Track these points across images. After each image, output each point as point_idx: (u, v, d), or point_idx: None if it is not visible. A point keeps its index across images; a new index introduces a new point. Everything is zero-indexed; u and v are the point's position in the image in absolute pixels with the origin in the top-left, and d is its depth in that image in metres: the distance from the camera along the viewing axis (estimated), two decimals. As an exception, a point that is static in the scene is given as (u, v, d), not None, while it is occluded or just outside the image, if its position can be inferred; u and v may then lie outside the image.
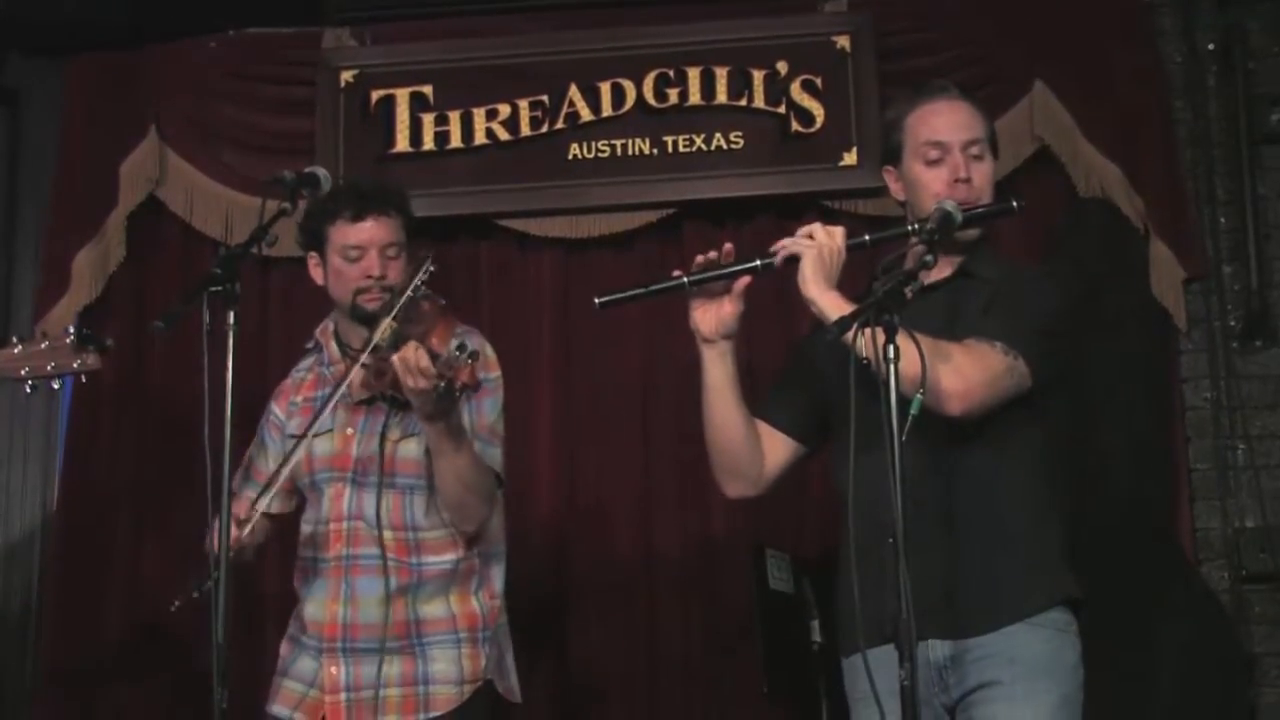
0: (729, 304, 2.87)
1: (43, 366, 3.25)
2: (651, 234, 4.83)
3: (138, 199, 4.99)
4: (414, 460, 3.30)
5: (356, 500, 3.31)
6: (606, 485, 4.73)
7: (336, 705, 3.26)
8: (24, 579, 4.93)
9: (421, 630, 3.29)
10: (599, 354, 4.78)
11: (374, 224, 3.35)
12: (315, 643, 3.33)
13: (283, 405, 3.51)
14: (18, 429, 4.98)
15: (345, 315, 3.40)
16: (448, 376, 2.93)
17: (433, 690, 3.27)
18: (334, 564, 3.32)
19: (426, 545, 3.32)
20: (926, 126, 2.93)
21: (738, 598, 4.37)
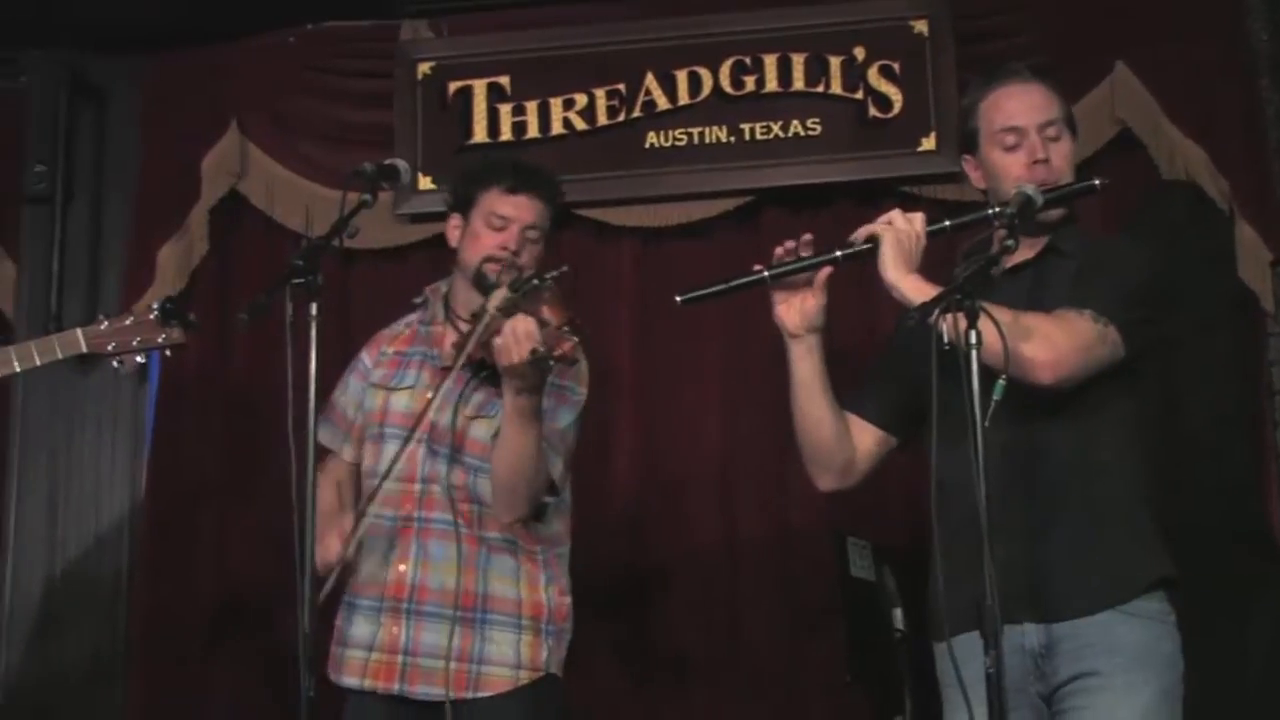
0: (812, 297, 2.85)
1: (128, 342, 3.30)
2: (729, 222, 4.81)
3: (220, 193, 5.04)
4: (483, 442, 3.32)
5: (430, 464, 3.33)
6: (687, 475, 4.72)
7: (392, 665, 3.27)
8: (114, 564, 5.00)
9: (488, 606, 3.30)
10: (679, 342, 4.77)
11: (526, 200, 3.41)
12: (373, 603, 3.33)
13: (373, 353, 3.56)
14: (107, 418, 5.04)
15: (466, 279, 3.43)
16: (549, 344, 2.94)
17: (485, 670, 3.27)
18: (404, 524, 3.33)
19: (491, 521, 3.33)
20: (1001, 112, 2.91)
21: (819, 586, 4.35)
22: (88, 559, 4.99)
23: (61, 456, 5.04)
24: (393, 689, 3.28)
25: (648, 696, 4.58)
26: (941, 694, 2.85)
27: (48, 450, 5.04)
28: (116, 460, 5.06)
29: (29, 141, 5.15)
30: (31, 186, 5.11)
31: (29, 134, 5.15)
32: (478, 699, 3.25)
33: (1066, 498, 2.73)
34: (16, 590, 4.94)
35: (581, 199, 4.84)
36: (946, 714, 2.80)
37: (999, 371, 2.49)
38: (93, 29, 5.06)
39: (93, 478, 5.05)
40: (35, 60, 5.18)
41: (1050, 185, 2.82)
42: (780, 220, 4.67)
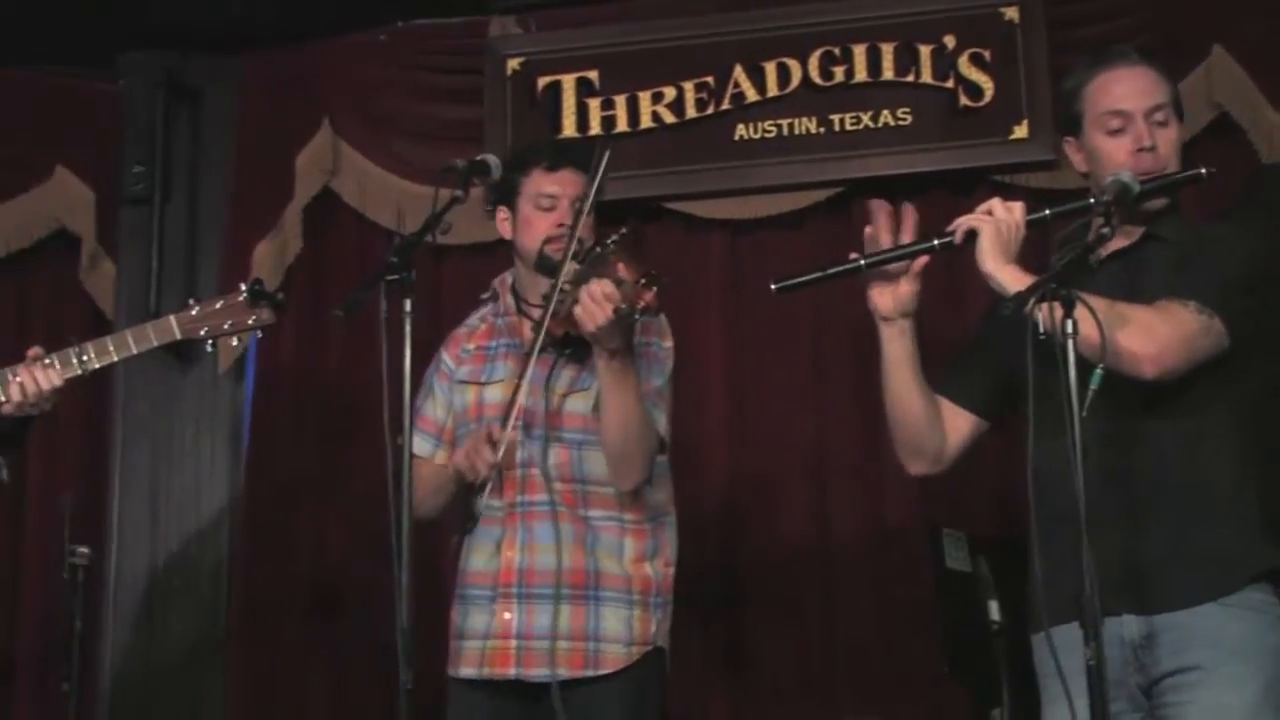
0: (906, 284, 2.83)
1: (220, 325, 3.34)
2: (820, 213, 4.79)
3: (313, 191, 5.09)
4: (581, 415, 3.32)
5: (528, 448, 3.33)
6: (780, 466, 4.71)
7: (507, 650, 3.28)
8: (214, 555, 5.09)
9: (600, 583, 3.30)
10: (770, 333, 4.75)
11: (569, 175, 3.40)
12: (485, 592, 3.34)
13: (453, 352, 3.56)
14: (205, 414, 5.12)
15: (529, 267, 3.42)
16: (630, 299, 2.94)
17: (602, 648, 3.27)
18: (507, 511, 3.34)
19: (594, 500, 3.33)
20: (1107, 95, 2.85)
21: (914, 578, 4.32)
22: (188, 550, 5.08)
23: (162, 452, 5.12)
24: (509, 674, 3.29)
25: (741, 693, 4.57)
26: (1040, 686, 2.81)
27: (149, 446, 5.13)
28: (215, 455, 5.14)
29: (127, 143, 5.23)
30: (130, 187, 5.19)
31: (127, 136, 5.23)
32: (595, 676, 3.26)
33: (1166, 488, 2.69)
34: (120, 581, 5.03)
35: (671, 192, 4.86)
36: (1045, 706, 2.76)
37: (1096, 361, 2.45)
38: (188, 31, 5.13)
39: (192, 472, 5.13)
40: (132, 63, 5.26)
41: (1155, 174, 2.77)
42: (871, 211, 4.64)
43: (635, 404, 3.19)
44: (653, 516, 3.41)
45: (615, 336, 3.08)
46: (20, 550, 5.13)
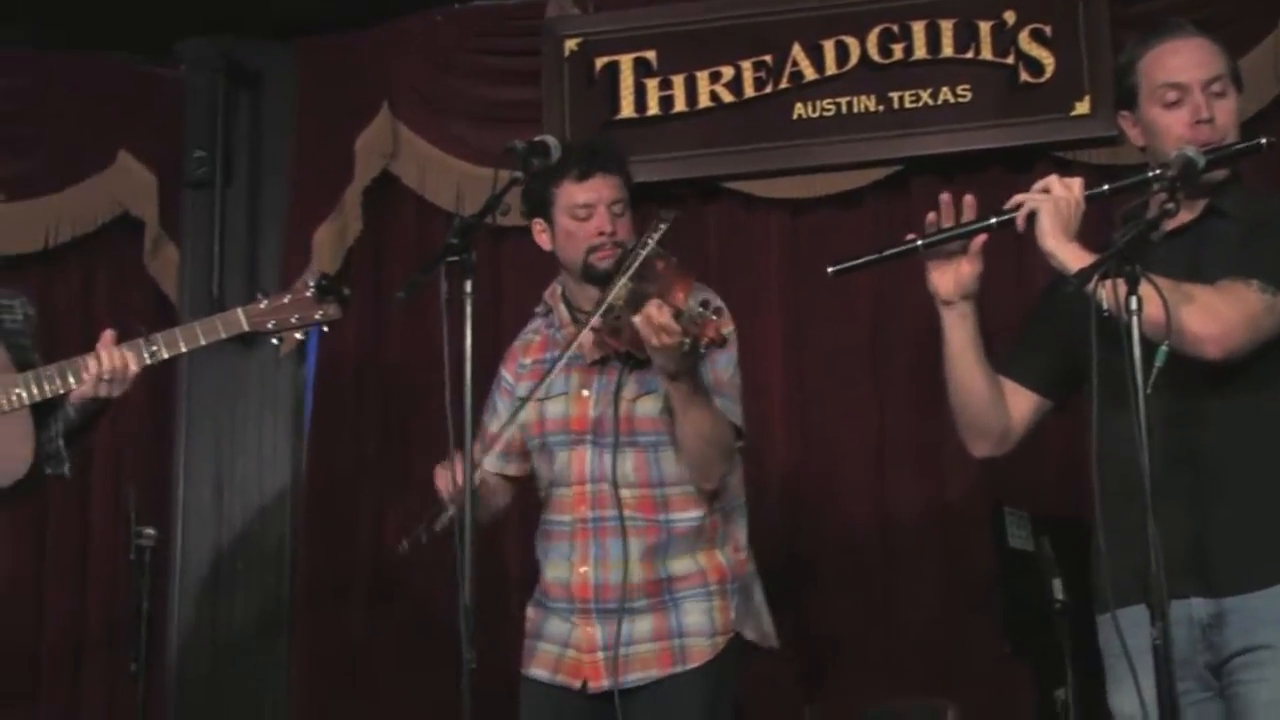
0: (967, 264, 2.81)
1: (287, 319, 3.36)
2: (879, 191, 4.77)
3: (372, 174, 5.12)
4: (653, 418, 3.31)
5: (599, 462, 3.33)
6: (840, 446, 4.70)
7: (595, 663, 3.30)
8: (277, 537, 5.14)
9: (673, 586, 3.31)
10: (830, 313, 4.74)
11: (601, 181, 3.37)
12: (565, 605, 3.37)
13: (511, 368, 3.55)
14: (268, 397, 5.16)
15: (576, 277, 3.41)
16: (693, 333, 2.93)
17: (688, 643, 3.29)
18: (580, 526, 3.35)
19: (674, 501, 3.33)
20: (1163, 68, 2.82)
21: (976, 557, 4.32)
22: (251, 531, 5.13)
23: (226, 435, 5.18)
24: (574, 684, 3.32)
25: (805, 672, 4.57)
26: (1105, 665, 2.80)
27: (213, 429, 5.18)
28: (278, 437, 5.18)
29: (188, 128, 5.27)
30: (192, 172, 5.23)
31: (188, 120, 5.27)
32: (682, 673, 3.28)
33: (1233, 467, 2.66)
34: (186, 564, 5.10)
35: (729, 171, 4.85)
36: (1110, 685, 2.75)
37: (1159, 341, 2.43)
38: (247, 16, 5.16)
39: (255, 455, 5.18)
40: (193, 48, 5.29)
41: (1214, 145, 2.74)
42: (930, 189, 4.56)
43: (707, 414, 3.19)
44: (725, 505, 3.41)
45: (680, 367, 3.08)
46: (87, 532, 5.19)
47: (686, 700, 3.28)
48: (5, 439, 3.22)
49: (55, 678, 5.09)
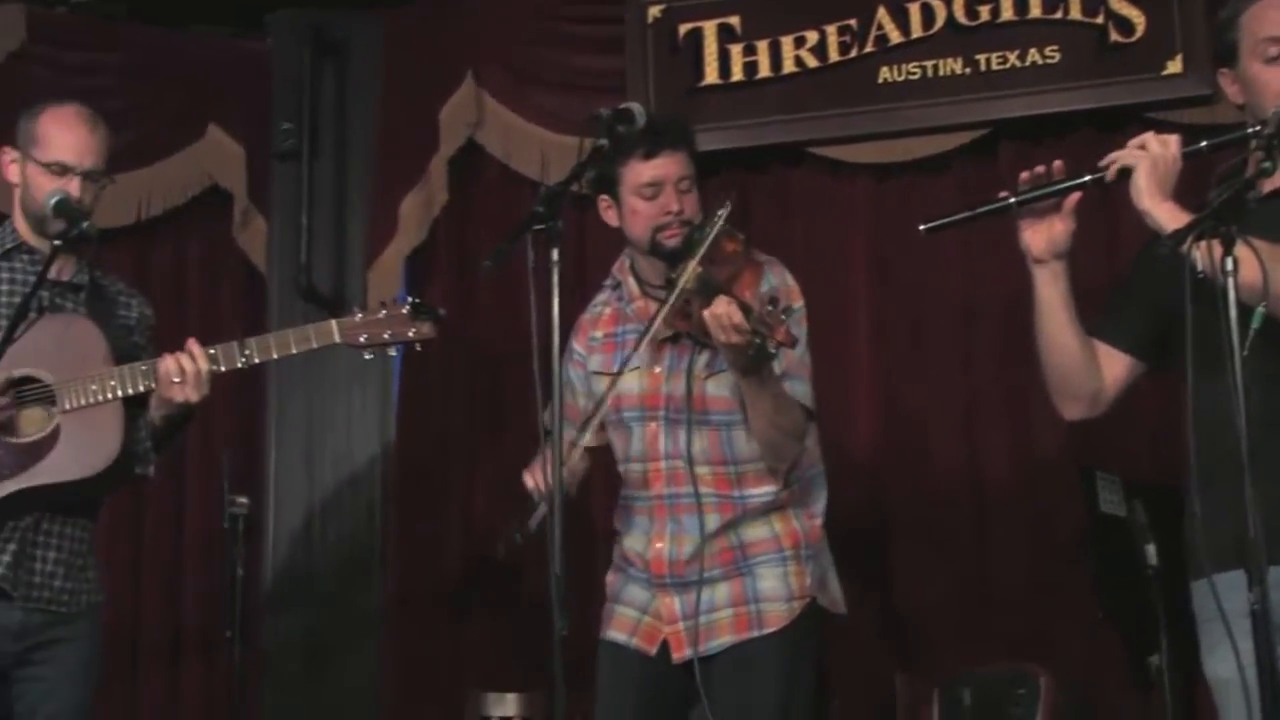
0: (1060, 222, 2.77)
1: (379, 335, 3.37)
2: (966, 155, 4.72)
3: (457, 143, 5.13)
4: (724, 397, 3.31)
5: (673, 439, 3.34)
6: (928, 411, 4.68)
7: (677, 634, 3.33)
8: (367, 508, 5.19)
9: (747, 553, 3.34)
10: (916, 278, 4.71)
11: (666, 159, 3.35)
12: (642, 575, 3.40)
13: (582, 341, 3.56)
14: (356, 372, 5.16)
15: (644, 254, 3.41)
16: (762, 334, 2.92)
17: (764, 608, 3.31)
18: (656, 503, 3.37)
19: (748, 478, 3.34)
20: (1265, 22, 2.76)
21: (1067, 522, 4.29)
22: (342, 501, 5.19)
23: (316, 404, 5.23)
24: (649, 650, 3.35)
25: (892, 639, 4.57)
26: (1199, 631, 2.77)
27: (304, 398, 5.24)
28: (367, 406, 5.23)
29: (275, 100, 5.33)
30: (279, 144, 5.29)
31: (275, 92, 5.33)
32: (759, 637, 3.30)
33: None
34: (278, 532, 5.17)
35: (814, 137, 4.83)
36: (1205, 651, 2.71)
37: (1256, 304, 2.39)
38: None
39: (345, 424, 5.23)
40: (279, 20, 5.35)
41: (1318, 101, 2.68)
42: (1018, 152, 4.57)
43: (775, 400, 3.19)
44: (802, 473, 3.42)
45: (749, 364, 3.07)
46: (182, 501, 5.27)
47: (764, 665, 3.30)
48: (95, 429, 3.25)
49: (153, 646, 5.19)
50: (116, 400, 3.26)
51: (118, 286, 3.59)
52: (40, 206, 3.37)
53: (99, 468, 3.26)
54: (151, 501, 5.24)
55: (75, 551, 3.36)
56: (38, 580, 3.27)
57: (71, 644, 3.34)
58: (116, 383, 3.25)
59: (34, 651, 3.27)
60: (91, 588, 3.41)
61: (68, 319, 3.33)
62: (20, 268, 3.40)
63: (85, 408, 3.24)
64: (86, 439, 3.25)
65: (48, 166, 3.36)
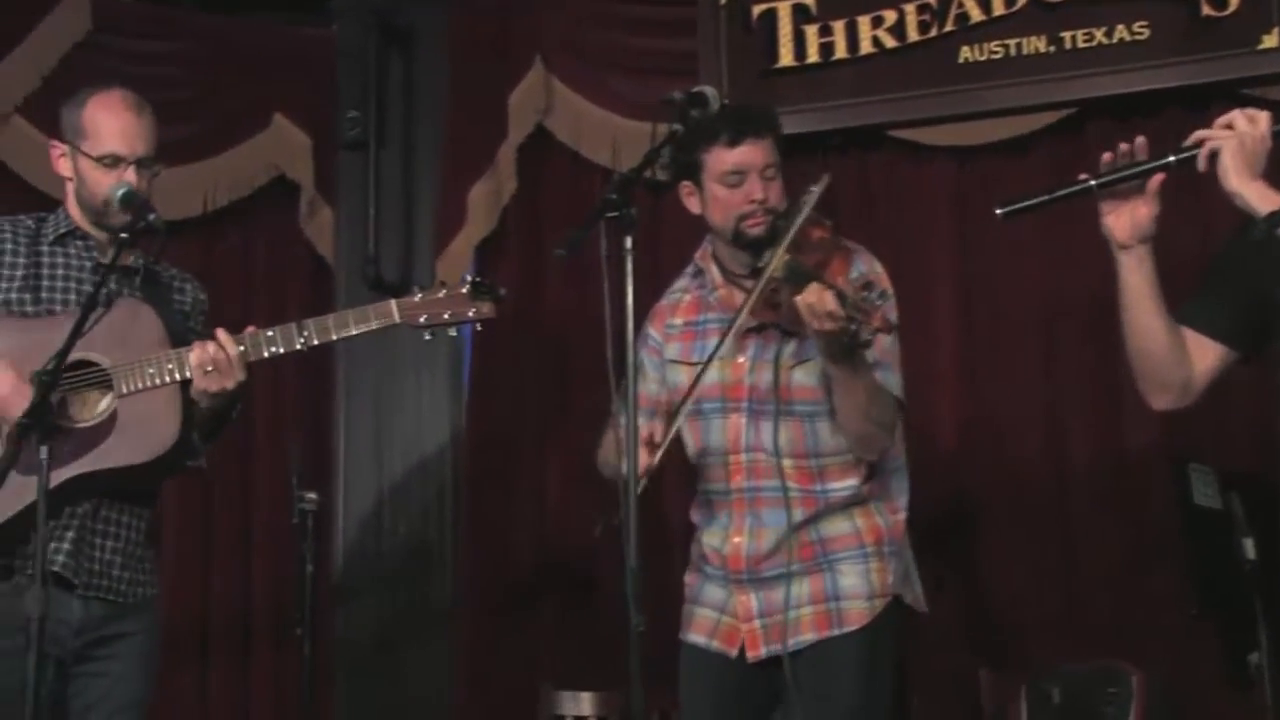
0: (1144, 205, 2.76)
1: (439, 315, 3.39)
2: (1050, 136, 4.67)
3: (526, 130, 5.15)
4: (811, 386, 3.31)
5: (754, 431, 3.34)
6: (1013, 401, 4.65)
7: (753, 632, 3.34)
8: (437, 499, 5.22)
9: (827, 549, 3.34)
10: (999, 264, 4.69)
11: (751, 146, 3.35)
12: (720, 573, 3.40)
13: (658, 327, 3.57)
14: (426, 359, 5.19)
15: (727, 242, 3.41)
16: (858, 320, 2.92)
17: (844, 605, 3.32)
18: (736, 496, 3.37)
19: (830, 472, 3.34)
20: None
21: (1157, 515, 4.26)
22: (413, 493, 5.23)
23: (385, 395, 5.27)
24: (730, 651, 3.37)
25: (977, 635, 4.55)
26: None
27: (372, 390, 5.27)
28: (437, 397, 5.25)
29: (341, 88, 5.37)
30: (346, 133, 5.33)
31: (341, 80, 5.38)
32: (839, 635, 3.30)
33: None
34: (348, 526, 5.22)
35: (893, 119, 4.80)
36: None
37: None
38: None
39: (414, 415, 5.26)
40: (345, 6, 5.39)
41: None
42: (1106, 132, 4.51)
43: (866, 390, 3.18)
44: (884, 465, 3.41)
45: (843, 352, 3.06)
46: (250, 496, 5.34)
47: (844, 664, 3.30)
48: (153, 414, 3.27)
49: (223, 643, 5.26)
50: (174, 385, 3.28)
51: (171, 271, 3.60)
52: (97, 200, 3.38)
53: (157, 452, 3.28)
54: (220, 492, 5.31)
55: (133, 541, 3.39)
56: (97, 569, 3.30)
57: (131, 639, 3.36)
58: (174, 366, 3.26)
59: (93, 647, 3.29)
60: (148, 580, 3.44)
61: (125, 304, 3.33)
62: (75, 253, 3.43)
63: (142, 391, 3.26)
64: (144, 424, 3.27)
65: (100, 160, 3.37)
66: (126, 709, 3.36)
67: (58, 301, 3.37)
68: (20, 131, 5.06)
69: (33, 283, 3.37)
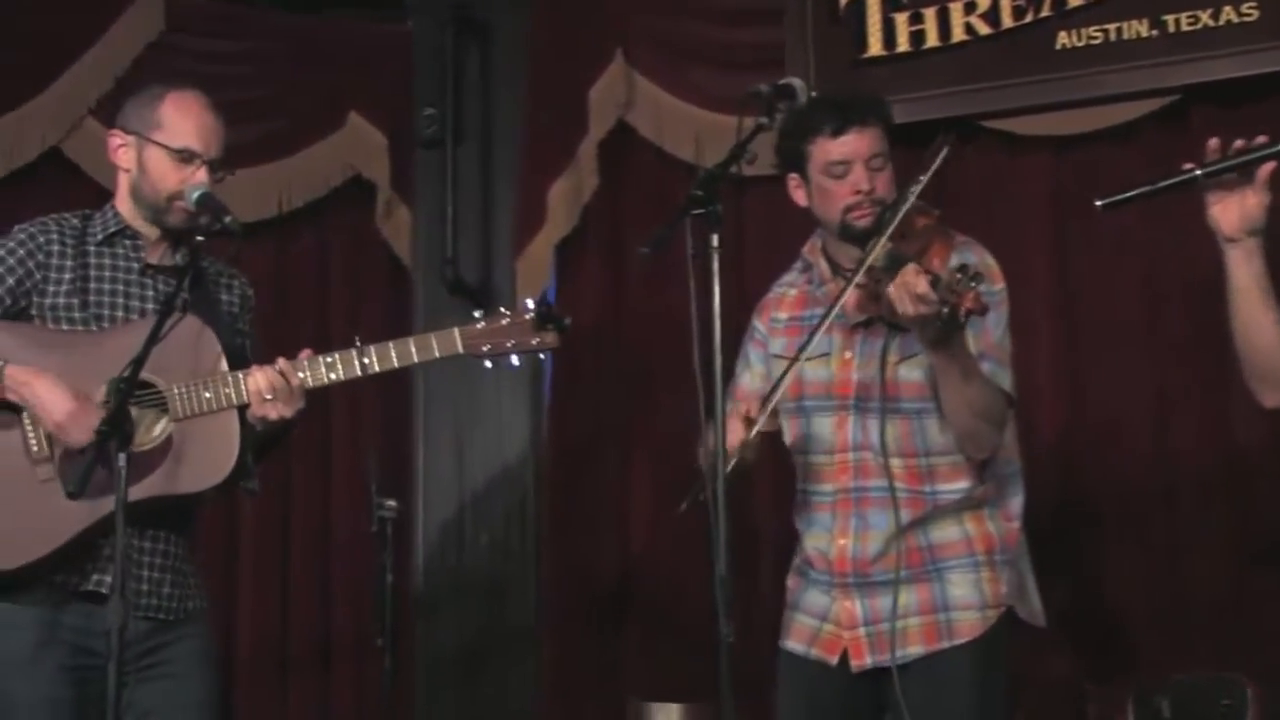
0: (1252, 195, 2.72)
1: (502, 344, 3.40)
2: (1154, 125, 4.62)
3: (607, 125, 5.16)
4: (918, 383, 3.28)
5: (861, 429, 3.32)
6: (1116, 400, 4.61)
7: (857, 640, 3.30)
8: (519, 508, 5.24)
9: (936, 555, 3.30)
10: (1101, 258, 4.64)
11: (857, 136, 3.33)
12: (824, 577, 3.37)
13: (764, 320, 3.56)
14: (505, 362, 5.25)
15: (834, 235, 3.40)
16: (950, 302, 2.89)
17: (954, 617, 3.27)
18: (841, 497, 3.35)
19: (940, 472, 3.31)
20: None
21: (1272, 518, 4.20)
22: (494, 508, 5.26)
23: (464, 402, 5.29)
24: (830, 660, 3.34)
25: (1082, 645, 4.51)
26: None
27: (451, 396, 5.30)
28: (517, 403, 5.28)
29: (418, 85, 5.41)
30: (423, 131, 5.37)
31: (417, 77, 5.42)
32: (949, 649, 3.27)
33: None
34: (427, 542, 5.26)
35: (988, 109, 4.77)
36: None
37: None
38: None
39: (494, 422, 5.29)
40: (420, 1, 5.43)
41: None
42: (1212, 119, 4.45)
43: (973, 382, 3.14)
44: (997, 470, 3.37)
45: (938, 334, 3.04)
46: (329, 503, 5.39)
47: (954, 679, 3.26)
48: (209, 439, 3.27)
49: (302, 653, 5.31)
50: (231, 409, 3.27)
51: (216, 266, 3.58)
52: (160, 194, 3.36)
53: (214, 481, 3.29)
54: (298, 504, 5.37)
55: (178, 557, 3.39)
56: (146, 588, 3.31)
57: (186, 642, 3.36)
58: (232, 391, 3.26)
59: (144, 657, 3.26)
60: (196, 594, 3.44)
61: (184, 322, 3.29)
62: (122, 254, 3.42)
63: (198, 416, 3.26)
64: (201, 450, 3.27)
65: (177, 152, 3.35)
66: (188, 708, 3.36)
67: (105, 305, 3.37)
68: (93, 134, 5.10)
69: (80, 285, 3.37)
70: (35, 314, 3.35)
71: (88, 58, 5.20)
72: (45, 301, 3.35)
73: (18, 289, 3.34)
